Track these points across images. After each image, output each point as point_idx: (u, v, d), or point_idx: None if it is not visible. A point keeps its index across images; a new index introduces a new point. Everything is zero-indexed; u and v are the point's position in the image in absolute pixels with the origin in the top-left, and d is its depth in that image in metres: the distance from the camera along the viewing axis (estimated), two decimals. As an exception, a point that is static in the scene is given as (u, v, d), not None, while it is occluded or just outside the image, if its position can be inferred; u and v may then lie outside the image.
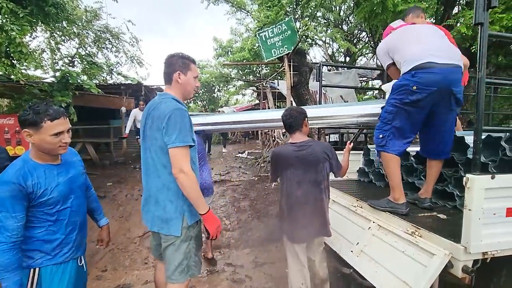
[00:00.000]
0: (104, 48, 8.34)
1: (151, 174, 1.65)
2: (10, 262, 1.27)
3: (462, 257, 1.43)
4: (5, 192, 1.27)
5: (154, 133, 1.59)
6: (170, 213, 1.60)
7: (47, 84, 5.16)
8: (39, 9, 4.44)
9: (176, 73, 1.66)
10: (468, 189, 1.41)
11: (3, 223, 1.27)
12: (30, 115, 1.32)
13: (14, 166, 1.35)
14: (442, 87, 1.76)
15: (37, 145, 1.37)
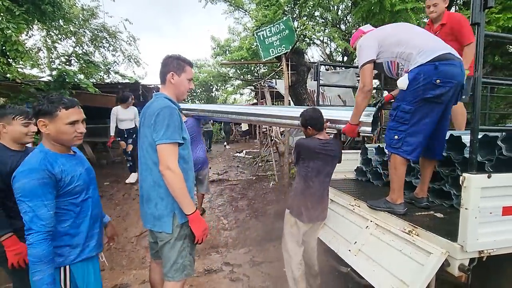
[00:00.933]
0: (101, 47, 8.31)
1: (144, 172, 1.67)
2: (46, 253, 1.21)
3: (458, 256, 1.44)
4: (35, 180, 1.22)
5: (145, 130, 1.61)
6: (161, 210, 1.61)
7: (43, 83, 5.12)
8: (35, 7, 4.41)
9: (170, 73, 1.69)
10: (464, 188, 1.42)
11: (35, 212, 1.21)
12: (44, 104, 1.30)
13: (36, 156, 1.30)
14: (460, 81, 1.69)
15: (52, 136, 1.34)
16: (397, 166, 1.90)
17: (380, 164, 2.91)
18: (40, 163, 1.26)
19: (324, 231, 2.38)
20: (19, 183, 1.22)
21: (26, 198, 1.20)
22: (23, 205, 1.21)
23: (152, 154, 1.59)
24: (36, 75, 7.27)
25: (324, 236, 2.33)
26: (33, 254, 1.19)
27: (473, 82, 1.46)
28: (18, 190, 1.21)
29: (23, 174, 1.23)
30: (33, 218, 1.20)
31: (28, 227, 1.20)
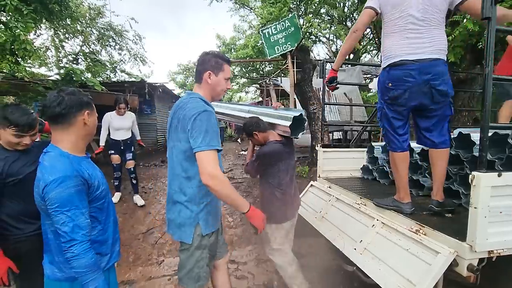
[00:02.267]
0: (107, 46, 8.38)
1: (171, 175, 1.60)
2: (94, 261, 1.16)
3: (467, 256, 1.41)
4: (71, 188, 1.13)
5: (179, 135, 1.49)
6: (183, 218, 1.53)
7: (51, 82, 5.20)
8: (43, 7, 4.46)
9: (207, 72, 1.57)
10: (474, 186, 1.38)
11: (75, 221, 1.12)
12: (84, 96, 1.25)
13: (61, 161, 1.17)
14: (418, 83, 1.79)
15: (90, 129, 1.28)
16: (392, 161, 1.98)
17: (386, 162, 2.88)
18: (72, 169, 1.16)
19: (329, 229, 2.36)
20: (54, 192, 1.11)
21: (64, 207, 1.11)
22: (61, 216, 1.11)
23: (183, 161, 1.50)
24: (44, 74, 7.38)
25: (329, 234, 2.32)
26: (83, 265, 1.12)
27: (484, 78, 1.43)
28: (54, 200, 1.11)
29: (57, 182, 1.11)
30: (74, 228, 1.12)
31: (70, 238, 1.11)
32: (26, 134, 1.60)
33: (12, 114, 1.55)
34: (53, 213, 1.12)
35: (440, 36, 1.83)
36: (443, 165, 1.90)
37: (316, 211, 2.66)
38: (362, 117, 9.35)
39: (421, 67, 1.76)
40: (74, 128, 1.23)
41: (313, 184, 3.10)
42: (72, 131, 1.24)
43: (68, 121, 1.22)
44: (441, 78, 1.78)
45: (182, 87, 22.10)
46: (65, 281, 1.23)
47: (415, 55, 1.78)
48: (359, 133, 6.43)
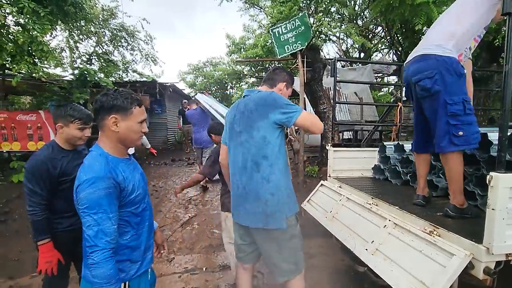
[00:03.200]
0: (120, 46, 8.53)
1: (247, 170, 1.61)
2: (114, 273, 1.08)
3: (484, 258, 1.37)
4: (101, 190, 1.07)
5: (256, 123, 1.56)
6: (272, 206, 1.57)
7: (66, 82, 5.34)
8: (58, 9, 4.58)
9: (283, 83, 1.80)
10: (491, 187, 1.35)
11: (101, 226, 1.06)
12: (119, 99, 1.17)
13: (98, 160, 1.15)
14: (408, 81, 1.97)
15: (120, 135, 1.20)
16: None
17: (399, 162, 2.83)
18: (105, 170, 1.12)
19: (339, 229, 2.34)
20: (84, 193, 1.07)
21: (92, 210, 1.06)
22: (88, 218, 1.06)
23: (263, 148, 1.56)
24: (59, 74, 7.58)
25: (339, 235, 2.30)
26: (100, 275, 1.05)
27: (503, 76, 1.38)
28: (84, 201, 1.07)
29: (88, 183, 1.08)
30: (98, 233, 1.06)
31: (92, 243, 1.05)
32: (87, 126, 1.76)
33: (73, 110, 1.71)
34: (82, 214, 1.09)
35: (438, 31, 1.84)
36: (450, 170, 1.80)
37: (327, 211, 2.64)
38: (373, 117, 9.21)
39: (410, 65, 1.94)
40: (105, 130, 1.21)
41: (323, 183, 3.08)
42: (105, 134, 1.21)
43: (99, 123, 1.21)
44: (416, 74, 1.84)
45: (192, 86, 22.28)
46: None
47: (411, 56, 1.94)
48: (370, 133, 6.34)
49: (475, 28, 1.78)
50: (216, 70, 20.68)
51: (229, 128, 1.74)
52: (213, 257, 3.36)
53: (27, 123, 4.96)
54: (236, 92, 20.66)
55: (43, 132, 5.02)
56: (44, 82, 5.17)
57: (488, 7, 1.72)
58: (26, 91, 6.08)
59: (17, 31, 4.20)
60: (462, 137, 1.71)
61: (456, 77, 1.73)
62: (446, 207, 1.87)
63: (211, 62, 22.23)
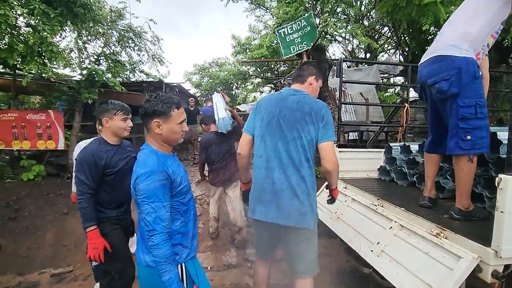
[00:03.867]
0: (127, 47, 8.61)
1: (290, 167, 1.65)
2: (171, 252, 1.23)
3: (492, 262, 1.36)
4: (156, 182, 1.22)
5: (307, 126, 1.65)
6: (307, 206, 1.65)
7: (75, 82, 5.42)
8: (68, 10, 4.65)
9: (312, 77, 1.86)
10: (501, 190, 1.33)
11: (157, 213, 1.21)
12: (159, 104, 1.29)
13: (151, 157, 1.29)
14: (423, 83, 1.94)
15: (164, 136, 1.33)
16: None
17: (405, 163, 2.81)
18: (158, 164, 1.26)
19: (344, 230, 2.33)
20: (143, 184, 1.22)
21: (149, 199, 1.21)
22: (146, 206, 1.21)
23: (308, 150, 1.66)
24: (68, 74, 7.70)
25: (344, 235, 2.29)
26: (160, 255, 1.20)
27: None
28: (142, 191, 1.22)
29: (145, 175, 1.23)
30: (156, 219, 1.21)
31: (152, 228, 1.21)
32: (128, 116, 1.91)
33: (114, 104, 1.87)
34: (141, 203, 1.23)
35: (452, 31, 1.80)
36: (458, 173, 1.79)
37: (332, 212, 2.64)
38: (379, 118, 9.14)
39: (422, 67, 1.92)
40: (151, 132, 1.34)
41: (328, 184, 3.07)
42: (151, 135, 1.35)
43: (146, 126, 1.34)
44: (431, 76, 1.80)
45: (198, 87, 22.39)
46: (152, 267, 1.28)
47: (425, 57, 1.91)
48: (376, 134, 6.29)
49: (491, 25, 1.74)
50: (222, 71, 20.74)
51: (269, 121, 1.72)
52: (218, 256, 3.38)
53: (36, 122, 5.04)
54: (242, 92, 20.72)
55: (52, 131, 5.09)
56: (54, 82, 5.25)
57: (503, 2, 1.69)
58: (36, 91, 6.18)
59: (28, 32, 4.28)
60: (470, 141, 1.68)
61: (471, 79, 1.69)
62: (451, 210, 1.85)
63: (216, 62, 22.32)
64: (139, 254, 1.36)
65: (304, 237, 1.68)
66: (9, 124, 4.94)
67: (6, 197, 4.37)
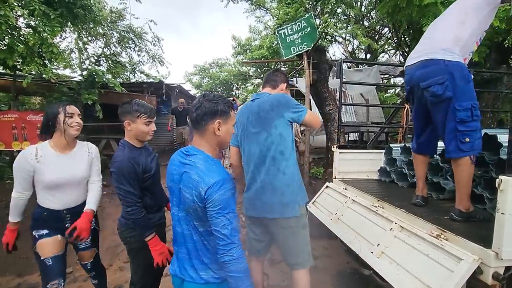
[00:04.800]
0: (127, 48, 8.64)
1: (265, 164, 1.75)
2: (247, 266, 1.16)
3: (493, 263, 1.35)
4: (229, 191, 1.14)
5: (273, 121, 1.72)
6: (288, 196, 1.72)
7: (75, 83, 5.43)
8: (68, 11, 4.67)
9: (284, 84, 1.98)
10: (501, 191, 1.32)
11: (233, 224, 1.13)
12: (220, 104, 1.22)
13: (215, 164, 1.21)
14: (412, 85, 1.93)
15: (221, 138, 1.25)
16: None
17: (405, 164, 2.80)
18: (226, 172, 1.18)
19: (344, 231, 2.33)
20: (218, 194, 1.11)
21: (225, 210, 1.11)
22: (222, 218, 1.10)
23: (280, 144, 1.73)
24: (68, 75, 7.72)
25: (344, 237, 2.28)
26: (240, 269, 1.11)
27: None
28: (217, 202, 1.10)
29: (218, 185, 1.12)
30: (232, 231, 1.12)
31: (230, 241, 1.11)
32: (152, 120, 1.78)
33: (138, 105, 1.72)
34: (215, 215, 1.11)
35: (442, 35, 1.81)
36: (459, 175, 1.79)
37: (332, 213, 2.63)
38: (379, 118, 9.13)
39: (413, 70, 1.90)
40: (207, 135, 1.24)
41: (328, 185, 3.06)
42: (206, 138, 1.25)
43: (202, 128, 1.23)
44: (425, 79, 1.79)
45: (198, 87, 22.42)
46: (212, 283, 1.21)
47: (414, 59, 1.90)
48: (377, 135, 6.29)
49: (478, 32, 1.80)
50: (222, 71, 20.77)
51: (242, 129, 1.87)
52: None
53: (37, 123, 5.04)
54: (242, 93, 20.74)
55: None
56: (54, 83, 5.27)
57: (488, 11, 1.74)
58: (36, 92, 6.19)
59: (28, 33, 4.30)
60: (469, 143, 1.71)
61: (465, 82, 1.72)
62: (452, 211, 1.85)
63: (217, 63, 22.37)
64: (186, 272, 1.23)
65: (291, 228, 1.74)
66: (9, 125, 4.95)
67: (6, 198, 4.37)
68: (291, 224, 1.74)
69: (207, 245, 1.20)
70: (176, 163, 1.27)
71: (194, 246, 1.22)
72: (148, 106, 1.76)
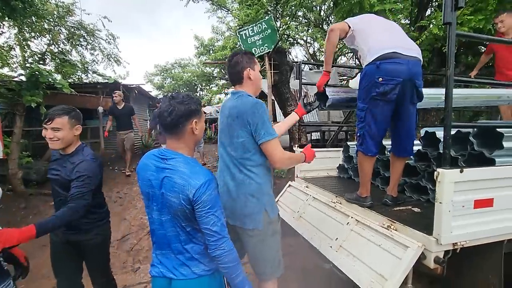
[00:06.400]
0: (78, 45, 7.99)
1: (230, 170, 1.65)
2: (237, 255, 1.26)
3: (434, 249, 1.48)
4: (215, 189, 1.21)
5: (236, 131, 1.58)
6: (251, 207, 1.61)
7: (15, 83, 4.86)
8: (4, 3, 4.17)
9: (246, 69, 1.65)
10: (439, 183, 1.46)
11: (221, 220, 1.21)
12: (192, 104, 1.23)
13: (197, 165, 1.24)
14: (406, 78, 1.76)
15: (197, 136, 1.29)
16: (361, 162, 2.06)
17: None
18: (209, 172, 1.23)
19: (306, 228, 2.39)
20: (206, 195, 1.16)
21: (213, 209, 1.18)
22: (211, 217, 1.18)
23: (243, 153, 1.59)
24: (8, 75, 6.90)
25: (306, 234, 2.35)
26: (232, 259, 1.21)
27: (446, 79, 1.51)
28: (206, 202, 1.16)
29: (205, 186, 1.17)
30: (221, 227, 1.20)
31: (221, 236, 1.19)
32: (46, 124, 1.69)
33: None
34: (204, 214, 1.17)
35: (406, 37, 1.94)
36: (401, 168, 2.08)
37: (294, 211, 2.69)
38: (339, 118, 9.59)
39: (409, 63, 1.76)
40: (185, 137, 1.25)
41: (291, 184, 3.13)
42: (183, 140, 1.26)
43: (178, 131, 1.23)
44: (421, 80, 1.85)
45: (160, 88, 21.57)
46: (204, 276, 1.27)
47: (406, 51, 1.79)
48: (336, 133, 6.59)
49: None
50: (185, 72, 20.23)
51: (220, 128, 1.75)
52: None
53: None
54: (206, 94, 20.39)
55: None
56: (-12, 83, 4.67)
57: None
58: (-33, 94, 5.43)
59: (-47, 26, 3.75)
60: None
61: None
62: (385, 198, 2.12)
63: (179, 63, 21.72)
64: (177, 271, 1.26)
65: (255, 239, 1.63)
66: None
67: None
68: (253, 235, 1.63)
69: (195, 242, 1.26)
70: (151, 168, 1.25)
71: (181, 245, 1.26)
72: (49, 111, 1.70)
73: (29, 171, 5.33)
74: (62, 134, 1.67)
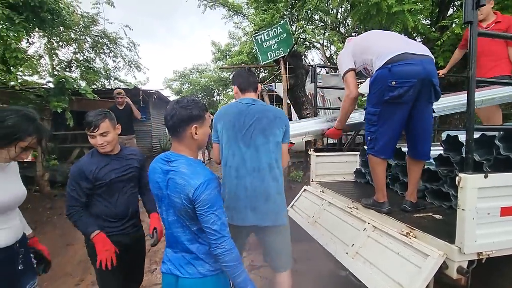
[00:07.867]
0: (102, 53, 8.37)
1: (260, 172, 1.73)
2: (239, 254, 1.28)
3: (456, 258, 1.41)
4: (215, 189, 1.22)
5: (273, 130, 1.75)
6: (279, 204, 1.77)
7: (43, 90, 5.17)
8: (34, 15, 4.46)
9: (259, 84, 2.00)
10: (461, 188, 1.39)
11: (222, 219, 1.22)
12: (195, 109, 1.26)
13: (199, 166, 1.27)
14: (422, 78, 1.70)
15: (199, 141, 1.32)
16: (373, 166, 2.01)
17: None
18: (210, 172, 1.26)
19: (321, 233, 2.35)
20: (205, 194, 1.18)
21: (213, 208, 1.20)
22: (211, 216, 1.19)
23: (277, 153, 1.77)
24: (38, 82, 7.34)
25: (321, 239, 2.30)
26: (233, 258, 1.22)
27: (468, 80, 1.44)
28: (206, 201, 1.18)
29: (204, 185, 1.19)
30: (221, 226, 1.21)
31: (221, 235, 1.21)
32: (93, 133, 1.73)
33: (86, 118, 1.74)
34: (204, 213, 1.19)
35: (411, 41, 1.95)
36: (419, 172, 2.02)
37: (309, 216, 2.65)
38: (357, 121, 9.38)
39: (423, 62, 1.71)
40: (186, 140, 1.29)
41: (306, 188, 3.09)
42: (185, 144, 1.29)
43: (179, 135, 1.27)
44: (437, 78, 1.81)
45: (178, 93, 22.11)
46: (209, 276, 1.29)
47: (416, 50, 1.75)
48: (353, 137, 6.45)
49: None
50: (203, 77, 20.63)
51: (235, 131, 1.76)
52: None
53: None
54: (223, 99, 20.67)
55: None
56: (19, 90, 4.98)
57: None
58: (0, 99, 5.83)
59: (-10, 38, 4.05)
60: None
61: None
62: (404, 204, 2.03)
63: (197, 69, 22.20)
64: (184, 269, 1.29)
65: (281, 234, 1.81)
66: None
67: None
68: (281, 231, 1.80)
69: (201, 241, 1.28)
70: (158, 171, 1.30)
71: (187, 245, 1.29)
72: (89, 119, 1.69)
73: (55, 173, 5.62)
74: (110, 137, 1.72)
